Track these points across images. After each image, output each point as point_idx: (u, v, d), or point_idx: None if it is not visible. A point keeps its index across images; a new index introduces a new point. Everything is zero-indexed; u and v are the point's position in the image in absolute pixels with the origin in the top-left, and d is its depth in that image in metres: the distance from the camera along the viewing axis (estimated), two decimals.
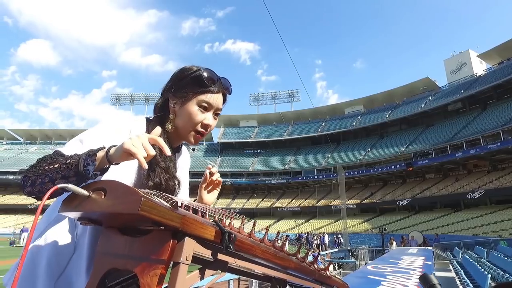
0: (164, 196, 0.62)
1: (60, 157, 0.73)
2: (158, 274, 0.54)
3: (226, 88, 1.02)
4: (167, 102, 1.01)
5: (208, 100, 0.97)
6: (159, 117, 1.01)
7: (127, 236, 0.62)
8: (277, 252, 0.84)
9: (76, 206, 0.61)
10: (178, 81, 0.99)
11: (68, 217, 0.86)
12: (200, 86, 0.96)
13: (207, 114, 0.99)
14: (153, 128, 0.93)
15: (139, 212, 0.50)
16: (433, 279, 1.05)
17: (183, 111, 0.97)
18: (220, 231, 0.61)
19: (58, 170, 0.68)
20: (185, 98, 0.96)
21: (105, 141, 0.83)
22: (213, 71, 0.98)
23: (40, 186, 0.68)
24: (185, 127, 0.98)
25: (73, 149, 0.80)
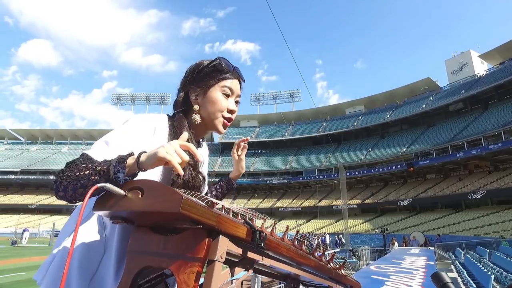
0: (197, 195, 0.63)
1: (89, 162, 0.74)
2: (195, 271, 0.55)
3: (240, 76, 1.06)
4: (188, 96, 1.02)
5: (230, 85, 1.00)
6: (182, 112, 1.02)
7: (159, 235, 0.63)
8: (298, 250, 0.86)
9: (111, 205, 0.62)
10: (197, 72, 1.01)
11: (96, 217, 0.87)
12: (220, 73, 0.99)
13: (230, 100, 1.02)
14: (178, 123, 0.96)
15: (180, 211, 0.51)
16: (445, 278, 1.06)
17: (207, 99, 0.99)
18: (251, 230, 0.63)
19: (89, 177, 0.69)
20: (208, 86, 0.99)
21: (131, 142, 0.84)
22: (228, 60, 1.02)
23: (73, 192, 0.69)
24: (212, 115, 1.00)
25: (100, 152, 0.79)
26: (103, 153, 0.78)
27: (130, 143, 0.83)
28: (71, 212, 4.65)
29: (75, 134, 62.90)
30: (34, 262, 12.86)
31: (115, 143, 0.83)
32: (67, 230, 0.89)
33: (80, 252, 0.83)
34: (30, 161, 53.10)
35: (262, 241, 0.63)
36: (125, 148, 0.80)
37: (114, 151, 0.78)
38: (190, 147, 0.72)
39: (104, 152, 0.79)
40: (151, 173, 0.84)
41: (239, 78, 1.05)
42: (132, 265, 0.65)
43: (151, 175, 0.86)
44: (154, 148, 0.86)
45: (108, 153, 0.78)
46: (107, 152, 0.79)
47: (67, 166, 0.73)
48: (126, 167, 0.69)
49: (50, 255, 0.86)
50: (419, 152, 36.72)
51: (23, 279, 8.79)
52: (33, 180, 51.02)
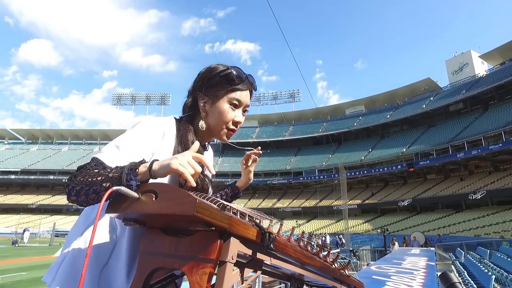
0: (208, 197, 0.65)
1: (101, 168, 0.74)
2: (207, 272, 0.57)
3: (252, 84, 1.05)
4: (196, 101, 1.03)
5: (238, 97, 1.00)
6: (189, 116, 1.04)
7: (171, 236, 0.65)
8: (304, 251, 0.87)
9: (125, 208, 0.63)
10: (207, 80, 1.00)
11: (108, 219, 0.88)
12: (230, 84, 0.98)
13: (237, 111, 1.02)
14: (184, 128, 0.97)
15: (194, 213, 0.52)
16: (453, 278, 1.07)
17: (215, 109, 0.99)
18: (260, 232, 0.64)
19: (102, 183, 0.69)
20: (216, 96, 0.99)
21: (141, 147, 0.85)
22: (241, 69, 1.01)
23: (85, 197, 0.70)
24: (217, 125, 1.01)
25: (111, 157, 0.80)
26: (114, 158, 0.79)
27: (141, 148, 0.84)
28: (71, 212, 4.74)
29: (76, 134, 62.93)
30: (35, 262, 12.88)
31: (125, 148, 0.83)
32: (76, 231, 0.90)
33: (91, 254, 0.84)
34: (31, 161, 53.15)
35: (271, 242, 0.64)
36: (136, 152, 0.81)
37: (124, 156, 0.79)
38: (202, 159, 0.73)
39: (115, 157, 0.79)
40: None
41: (250, 87, 1.05)
42: (144, 266, 0.66)
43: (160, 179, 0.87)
44: (163, 153, 0.87)
45: (119, 158, 0.79)
46: (118, 157, 0.79)
47: (79, 170, 0.73)
48: (138, 175, 0.69)
49: (60, 256, 0.87)
50: (420, 152, 36.71)
51: (24, 279, 8.81)
52: (33, 180, 51.06)
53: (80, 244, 0.86)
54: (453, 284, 1.01)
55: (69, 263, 0.84)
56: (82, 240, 0.86)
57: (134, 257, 0.87)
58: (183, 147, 0.94)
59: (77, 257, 0.84)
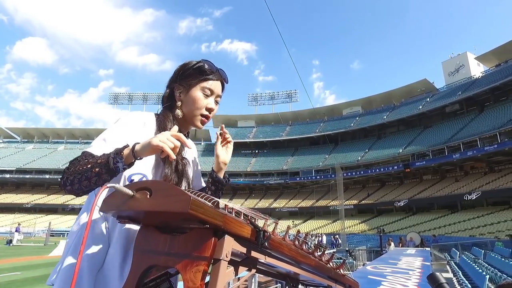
0: (203, 195, 0.64)
1: (90, 157, 0.83)
2: (201, 270, 0.56)
3: (223, 77, 1.14)
4: (173, 92, 1.12)
5: (210, 86, 1.09)
6: (167, 107, 1.12)
7: (165, 234, 0.64)
8: (299, 250, 0.87)
9: (119, 205, 0.63)
10: (182, 73, 1.10)
11: (100, 221, 0.91)
12: (202, 75, 1.08)
13: (210, 99, 1.10)
14: (163, 117, 1.06)
15: (188, 211, 0.52)
16: (440, 278, 1.08)
17: (188, 97, 1.08)
18: (255, 230, 0.64)
19: (91, 169, 0.78)
20: (190, 85, 1.08)
21: (125, 137, 0.93)
22: (212, 63, 1.11)
23: (78, 185, 0.78)
24: (191, 112, 1.09)
25: (100, 148, 0.88)
26: (102, 149, 0.86)
27: (125, 137, 0.92)
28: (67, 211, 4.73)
29: (72, 133, 62.59)
30: (30, 261, 12.79)
31: (111, 139, 0.91)
32: (72, 233, 0.93)
33: (88, 250, 0.86)
34: (26, 160, 52.77)
35: (266, 240, 0.64)
36: (121, 142, 0.88)
37: (111, 146, 0.86)
38: (180, 136, 0.83)
39: (103, 148, 0.87)
40: (145, 163, 0.92)
41: (221, 79, 1.14)
42: (139, 264, 0.67)
43: (145, 164, 0.94)
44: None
45: (106, 148, 0.87)
46: (105, 148, 0.87)
47: (71, 163, 0.81)
48: (123, 157, 0.79)
49: (61, 258, 0.90)
50: (416, 153, 36.91)
51: (18, 278, 8.74)
52: (28, 179, 50.71)
53: (76, 247, 0.88)
54: (440, 284, 1.02)
55: (66, 266, 0.85)
56: (77, 242, 0.89)
57: (126, 260, 0.89)
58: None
59: (73, 259, 0.86)
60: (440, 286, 1.04)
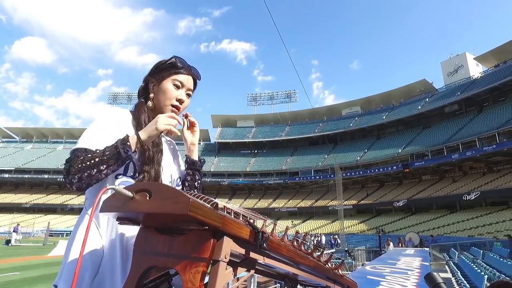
0: (202, 197, 0.64)
1: (91, 152, 0.88)
2: (200, 271, 0.57)
3: (195, 74, 1.22)
4: (148, 86, 1.18)
5: (181, 79, 1.16)
6: (143, 99, 1.18)
7: (165, 235, 0.65)
8: (298, 250, 0.88)
9: (119, 206, 0.63)
10: (156, 68, 1.18)
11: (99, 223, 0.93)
12: (173, 69, 1.16)
13: (180, 91, 1.17)
14: (137, 109, 1.13)
15: (188, 213, 0.52)
16: (438, 278, 1.09)
17: (160, 89, 1.15)
18: (254, 231, 0.65)
19: (100, 162, 0.85)
20: (162, 77, 1.15)
21: (110, 129, 0.98)
22: (184, 60, 1.20)
23: (88, 179, 0.85)
24: (162, 102, 1.14)
25: (91, 143, 0.91)
26: (94, 143, 0.91)
27: (109, 132, 0.97)
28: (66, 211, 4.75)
29: (71, 132, 62.48)
30: (29, 261, 12.77)
31: (97, 133, 0.96)
32: (72, 235, 0.94)
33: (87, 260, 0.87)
34: (25, 160, 52.68)
35: (264, 241, 0.65)
36: (109, 135, 0.94)
37: (101, 140, 0.92)
38: (174, 115, 0.99)
39: (94, 143, 0.91)
40: None
41: (193, 75, 1.21)
42: (138, 265, 0.67)
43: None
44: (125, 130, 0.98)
45: (98, 142, 0.91)
46: (96, 143, 0.91)
47: (73, 161, 0.85)
48: (130, 146, 0.89)
49: (63, 260, 0.91)
50: (415, 153, 36.98)
51: (17, 278, 8.73)
52: (27, 179, 50.63)
53: (75, 249, 0.89)
54: (437, 284, 1.03)
55: (67, 268, 0.87)
56: (76, 244, 0.89)
57: (126, 262, 0.90)
58: (139, 124, 1.06)
59: (73, 261, 0.87)
60: (437, 286, 1.04)
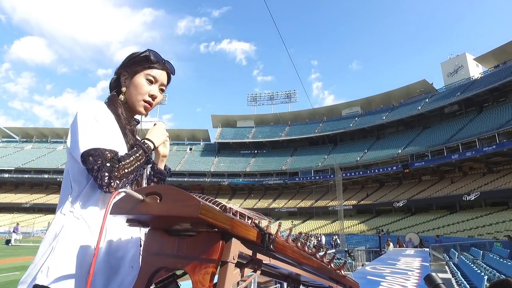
0: (210, 199, 0.66)
1: (128, 157, 0.94)
2: (209, 272, 0.59)
3: (169, 68, 1.19)
4: (119, 79, 1.15)
5: (154, 74, 1.13)
6: (116, 92, 1.15)
7: (174, 237, 0.67)
8: (302, 251, 0.89)
9: (129, 209, 0.65)
10: (128, 60, 1.14)
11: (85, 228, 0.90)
12: (147, 63, 1.12)
13: (153, 86, 1.14)
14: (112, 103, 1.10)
15: (198, 215, 0.54)
16: (437, 279, 1.10)
17: (132, 83, 1.12)
18: (260, 233, 0.67)
19: (139, 167, 0.95)
20: (135, 72, 1.12)
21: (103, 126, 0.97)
22: (158, 53, 1.15)
23: (127, 182, 0.92)
24: (134, 97, 1.12)
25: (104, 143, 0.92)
26: (106, 144, 0.93)
27: (107, 128, 0.98)
28: None
29: None
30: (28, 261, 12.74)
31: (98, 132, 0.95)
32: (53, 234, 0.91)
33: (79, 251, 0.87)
34: (25, 160, 52.65)
35: (271, 243, 0.67)
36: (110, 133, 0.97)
37: (105, 138, 0.94)
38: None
39: (106, 143, 0.93)
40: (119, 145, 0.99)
41: (167, 70, 1.17)
42: (148, 266, 0.69)
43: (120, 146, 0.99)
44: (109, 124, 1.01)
45: (106, 142, 0.93)
46: (105, 141, 0.93)
47: (114, 164, 0.89)
48: (152, 153, 1.02)
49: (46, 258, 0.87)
50: (415, 153, 36.98)
51: (17, 278, 8.71)
52: (27, 179, 50.59)
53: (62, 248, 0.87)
54: (437, 285, 1.05)
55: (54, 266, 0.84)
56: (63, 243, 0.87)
57: (121, 262, 0.91)
58: (119, 118, 1.06)
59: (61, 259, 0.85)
60: (437, 287, 1.06)
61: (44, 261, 0.85)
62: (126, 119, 1.09)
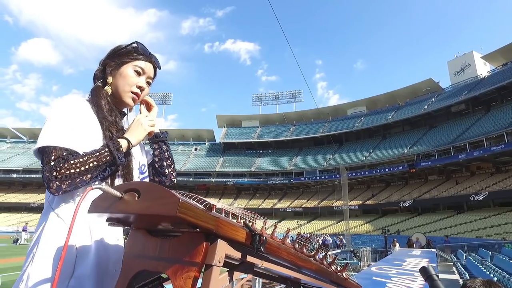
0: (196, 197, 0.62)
1: (81, 156, 0.85)
2: (191, 276, 0.54)
3: (156, 63, 1.17)
4: (105, 69, 1.11)
5: (142, 66, 1.11)
6: (101, 83, 1.11)
7: (156, 238, 0.62)
8: (299, 253, 0.84)
9: (107, 207, 0.61)
10: (115, 51, 1.12)
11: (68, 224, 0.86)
12: (135, 54, 1.10)
13: (141, 78, 1.11)
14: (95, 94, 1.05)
15: (177, 214, 0.50)
16: (431, 271, 1.12)
17: (120, 74, 1.09)
18: (250, 233, 0.61)
19: (95, 168, 0.85)
20: (122, 62, 1.09)
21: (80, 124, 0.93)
22: (145, 46, 1.15)
23: (80, 183, 0.84)
24: (121, 88, 1.09)
25: (73, 142, 0.87)
26: (73, 142, 0.87)
27: (79, 123, 0.93)
28: None
29: None
30: None
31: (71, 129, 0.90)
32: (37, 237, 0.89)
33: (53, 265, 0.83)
34: (32, 160, 53.20)
35: (262, 245, 0.61)
36: (80, 129, 0.92)
37: (76, 136, 0.89)
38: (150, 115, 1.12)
39: (72, 141, 0.88)
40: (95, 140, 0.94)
41: (154, 64, 1.16)
42: (128, 268, 0.65)
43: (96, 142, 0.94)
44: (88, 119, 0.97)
45: (75, 140, 0.88)
46: (74, 140, 0.88)
47: (60, 164, 0.81)
48: (123, 152, 0.92)
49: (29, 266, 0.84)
50: (421, 153, 36.62)
51: None
52: (35, 179, 51.13)
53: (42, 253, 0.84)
54: (430, 276, 1.07)
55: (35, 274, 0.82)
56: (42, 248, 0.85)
57: (104, 264, 0.86)
58: (100, 110, 1.01)
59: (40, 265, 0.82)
60: (430, 278, 1.10)
61: (25, 269, 0.84)
62: (109, 110, 1.04)
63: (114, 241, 0.92)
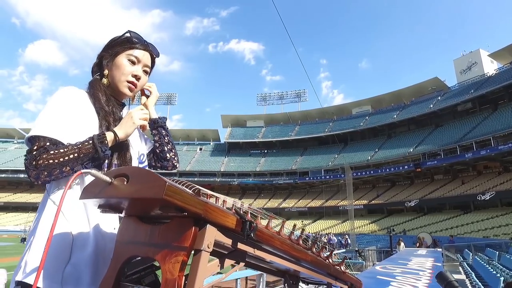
0: (184, 183, 0.63)
1: (63, 147, 0.84)
2: (179, 261, 0.55)
3: (153, 50, 1.17)
4: (101, 62, 1.12)
5: (136, 54, 1.10)
6: (98, 76, 1.12)
7: (147, 224, 0.63)
8: (294, 244, 0.84)
9: (97, 193, 0.61)
10: (110, 43, 1.13)
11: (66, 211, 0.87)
12: (128, 43, 1.11)
13: (136, 67, 1.11)
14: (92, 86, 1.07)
15: (163, 197, 0.50)
16: (449, 276, 1.06)
17: (114, 65, 1.09)
18: (241, 220, 0.61)
19: (75, 160, 0.83)
20: (116, 53, 1.09)
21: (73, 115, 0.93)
22: (140, 35, 1.14)
23: (59, 174, 0.82)
24: (117, 78, 1.09)
25: (60, 132, 0.88)
26: (60, 133, 0.87)
27: (71, 114, 0.93)
28: None
29: None
30: None
31: (61, 120, 0.90)
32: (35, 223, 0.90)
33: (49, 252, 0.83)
34: None
35: (252, 231, 0.61)
36: (71, 120, 0.91)
37: (65, 127, 0.89)
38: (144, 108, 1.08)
39: (59, 132, 0.87)
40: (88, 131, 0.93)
41: (150, 52, 1.15)
42: (120, 254, 0.65)
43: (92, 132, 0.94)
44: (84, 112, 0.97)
45: (63, 131, 0.88)
46: (61, 131, 0.88)
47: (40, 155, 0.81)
48: (107, 145, 0.89)
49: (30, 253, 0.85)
50: (427, 152, 36.31)
51: None
52: None
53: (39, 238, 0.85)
54: (450, 282, 1.01)
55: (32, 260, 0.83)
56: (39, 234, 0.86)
57: (101, 252, 0.87)
58: (98, 101, 1.02)
59: (36, 253, 0.83)
60: (449, 284, 1.03)
61: (23, 257, 0.85)
62: (106, 101, 1.05)
63: (111, 230, 0.92)
